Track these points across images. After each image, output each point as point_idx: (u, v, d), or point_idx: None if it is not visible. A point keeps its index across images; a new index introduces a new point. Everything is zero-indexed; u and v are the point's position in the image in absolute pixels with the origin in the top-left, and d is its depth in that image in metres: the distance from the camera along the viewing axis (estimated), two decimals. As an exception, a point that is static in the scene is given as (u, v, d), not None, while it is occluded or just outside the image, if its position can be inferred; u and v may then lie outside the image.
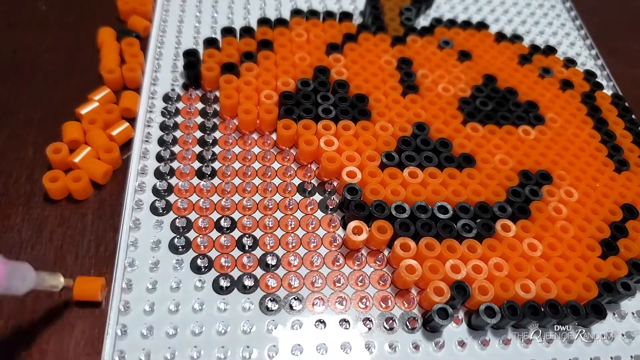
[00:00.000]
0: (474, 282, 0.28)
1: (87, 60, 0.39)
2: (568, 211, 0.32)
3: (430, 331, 0.28)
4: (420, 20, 0.46)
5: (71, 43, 0.40)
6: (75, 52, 0.39)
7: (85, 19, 0.42)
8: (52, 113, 0.35)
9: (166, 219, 0.30)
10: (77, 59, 0.39)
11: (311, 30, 0.40)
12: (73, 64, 0.39)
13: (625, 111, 0.40)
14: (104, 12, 0.42)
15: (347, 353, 0.26)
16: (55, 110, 0.35)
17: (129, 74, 0.36)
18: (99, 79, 0.37)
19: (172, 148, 0.33)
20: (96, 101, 0.35)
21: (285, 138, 0.34)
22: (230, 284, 0.28)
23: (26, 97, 0.36)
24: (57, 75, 0.38)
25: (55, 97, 0.36)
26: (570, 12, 0.50)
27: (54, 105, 0.35)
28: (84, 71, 0.38)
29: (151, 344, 0.25)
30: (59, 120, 0.33)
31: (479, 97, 0.38)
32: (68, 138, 0.33)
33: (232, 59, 0.37)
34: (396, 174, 0.32)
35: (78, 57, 0.39)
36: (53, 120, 0.34)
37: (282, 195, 0.32)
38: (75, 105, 0.34)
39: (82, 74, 0.38)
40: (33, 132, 0.34)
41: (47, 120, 0.34)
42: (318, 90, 0.36)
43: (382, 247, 0.30)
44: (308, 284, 0.28)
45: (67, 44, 0.40)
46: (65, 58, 0.39)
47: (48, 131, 0.34)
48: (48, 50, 0.39)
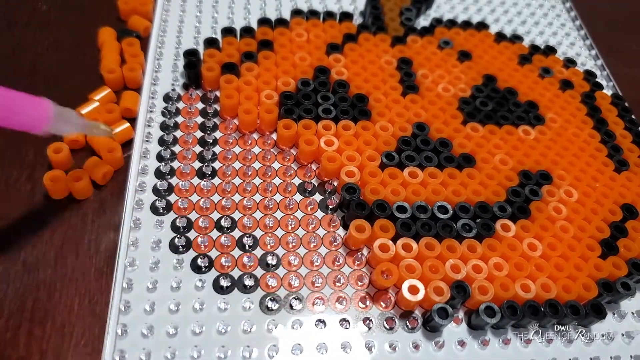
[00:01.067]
0: (474, 282, 0.28)
1: (87, 60, 0.39)
2: (568, 211, 0.32)
3: (430, 331, 0.28)
4: (420, 20, 0.46)
5: (71, 43, 0.40)
6: (75, 52, 0.39)
7: (85, 19, 0.42)
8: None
9: (166, 219, 0.30)
10: (77, 59, 0.39)
11: (311, 30, 0.40)
12: (73, 64, 0.39)
13: (625, 111, 0.40)
14: (104, 12, 0.42)
15: (347, 352, 0.26)
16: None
17: (129, 74, 0.37)
18: (99, 79, 0.37)
19: (172, 148, 0.33)
20: (96, 101, 0.35)
21: (285, 138, 0.34)
22: (231, 283, 0.28)
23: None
24: (57, 75, 0.38)
25: (55, 97, 0.35)
26: (570, 12, 0.50)
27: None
28: (84, 71, 0.38)
29: (151, 344, 0.25)
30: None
31: (479, 97, 0.38)
32: (68, 138, 0.33)
33: (232, 59, 0.37)
34: (396, 173, 0.32)
35: (78, 57, 0.39)
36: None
37: (283, 195, 0.32)
38: (75, 105, 0.34)
39: (82, 74, 0.38)
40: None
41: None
42: (318, 90, 0.36)
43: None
44: (308, 283, 0.28)
45: (67, 44, 0.40)
46: (65, 58, 0.39)
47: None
48: (48, 50, 0.39)
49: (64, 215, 0.31)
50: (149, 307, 0.26)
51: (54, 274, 0.28)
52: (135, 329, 0.26)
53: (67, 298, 0.27)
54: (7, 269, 0.28)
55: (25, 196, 0.31)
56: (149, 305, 0.26)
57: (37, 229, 0.30)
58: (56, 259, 0.29)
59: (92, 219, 0.31)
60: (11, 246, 0.29)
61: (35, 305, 0.27)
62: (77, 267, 0.29)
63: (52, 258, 0.29)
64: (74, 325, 0.27)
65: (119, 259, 0.28)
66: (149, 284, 0.27)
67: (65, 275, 0.28)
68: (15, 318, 0.27)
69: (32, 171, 0.32)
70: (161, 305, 0.27)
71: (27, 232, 0.30)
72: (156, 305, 0.27)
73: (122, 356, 0.25)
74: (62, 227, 0.30)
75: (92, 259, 0.29)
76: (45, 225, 0.30)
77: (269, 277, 0.28)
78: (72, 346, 0.26)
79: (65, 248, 0.29)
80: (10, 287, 0.28)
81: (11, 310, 0.27)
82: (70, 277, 0.28)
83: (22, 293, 0.28)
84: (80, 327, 0.27)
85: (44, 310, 0.27)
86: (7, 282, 0.28)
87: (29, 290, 0.28)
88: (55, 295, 0.27)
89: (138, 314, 0.26)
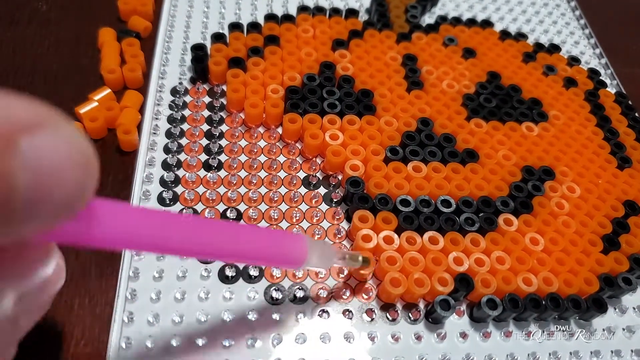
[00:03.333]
0: (476, 275, 0.28)
1: (87, 60, 0.38)
2: (570, 207, 0.33)
3: (433, 322, 0.28)
4: (425, 18, 0.46)
5: (71, 43, 0.40)
6: (75, 52, 0.39)
7: (85, 19, 0.42)
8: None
9: (173, 210, 0.30)
10: (77, 59, 0.39)
11: (317, 26, 0.41)
12: (73, 64, 0.38)
13: (628, 109, 0.40)
14: (104, 12, 0.42)
15: (350, 342, 0.27)
16: (55, 110, 0.34)
17: (129, 74, 0.36)
18: (99, 79, 0.37)
19: (179, 140, 0.33)
20: (96, 101, 0.35)
21: (290, 132, 0.34)
22: (236, 273, 0.28)
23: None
24: (57, 75, 0.37)
25: (55, 97, 0.36)
26: (574, 11, 0.50)
27: (54, 105, 0.35)
28: (84, 71, 0.38)
29: (157, 331, 0.26)
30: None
31: (483, 94, 0.38)
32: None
33: (239, 54, 0.37)
34: (400, 168, 0.32)
35: (78, 57, 0.39)
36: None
37: (288, 188, 0.32)
38: (75, 105, 0.34)
39: (82, 74, 0.37)
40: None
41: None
42: (324, 85, 0.36)
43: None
44: (312, 274, 0.29)
45: (67, 44, 0.40)
46: (65, 58, 0.39)
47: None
48: (48, 50, 0.39)
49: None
50: (155, 295, 0.27)
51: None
52: (141, 316, 0.26)
53: (67, 298, 0.27)
54: (7, 269, 0.28)
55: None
56: (155, 293, 0.27)
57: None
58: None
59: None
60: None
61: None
62: (77, 267, 0.28)
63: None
64: (74, 325, 0.26)
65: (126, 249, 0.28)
66: (155, 273, 0.28)
67: (65, 275, 0.28)
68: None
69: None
70: (167, 294, 0.27)
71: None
72: (162, 294, 0.27)
73: (129, 342, 0.25)
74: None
75: (92, 259, 0.29)
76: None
77: (273, 267, 0.29)
78: (72, 346, 0.26)
79: (65, 248, 0.29)
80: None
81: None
82: (70, 277, 0.27)
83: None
84: (80, 327, 0.26)
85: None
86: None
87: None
88: (55, 296, 0.27)
89: (144, 302, 0.27)
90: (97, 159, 0.13)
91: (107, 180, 0.32)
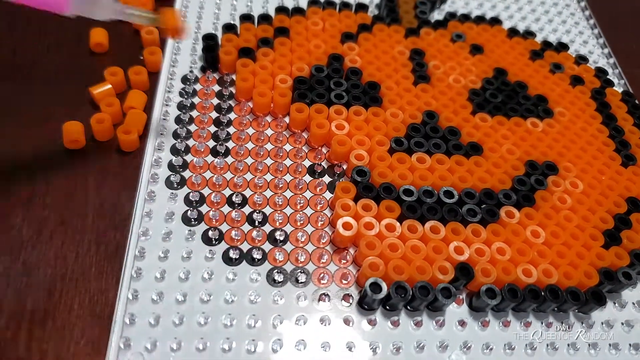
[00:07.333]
0: (476, 264, 0.29)
1: (87, 60, 0.39)
2: (572, 201, 0.33)
3: (433, 310, 0.28)
4: (434, 14, 0.47)
5: (71, 43, 0.40)
6: (75, 52, 0.39)
7: (85, 19, 0.41)
8: (52, 113, 0.34)
9: (180, 193, 0.31)
10: (77, 59, 0.39)
11: (327, 19, 0.41)
12: (73, 64, 0.38)
13: (635, 108, 0.40)
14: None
15: (349, 326, 0.27)
16: (55, 110, 0.34)
17: (134, 77, 0.36)
18: (100, 79, 0.36)
19: (188, 127, 0.34)
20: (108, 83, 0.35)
21: (297, 121, 0.34)
22: (240, 256, 0.29)
23: (26, 97, 0.35)
24: (57, 75, 0.37)
25: (55, 97, 0.36)
26: (584, 11, 0.50)
27: (54, 105, 0.35)
28: (84, 71, 0.37)
29: (161, 309, 0.26)
30: (59, 120, 0.33)
31: (489, 89, 0.38)
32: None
33: (249, 44, 0.38)
34: (404, 158, 0.33)
35: (78, 57, 0.39)
36: (53, 120, 0.33)
37: (293, 175, 0.33)
38: (75, 105, 0.34)
39: (82, 74, 0.37)
40: (33, 132, 0.33)
41: (47, 120, 0.34)
42: (331, 76, 0.37)
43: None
44: (314, 259, 0.29)
45: (67, 44, 0.39)
46: (65, 58, 0.39)
47: (48, 131, 0.33)
48: (48, 50, 0.39)
49: (64, 215, 0.30)
50: (160, 274, 0.27)
51: (54, 274, 0.28)
52: (146, 294, 0.27)
53: (67, 298, 0.27)
54: (7, 269, 0.28)
55: (25, 196, 0.31)
56: (160, 272, 0.27)
57: (37, 229, 0.29)
58: (56, 259, 0.28)
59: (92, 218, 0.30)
60: (11, 246, 0.29)
61: (35, 305, 0.27)
62: (77, 267, 0.28)
63: (52, 258, 0.28)
64: (74, 325, 0.26)
65: (133, 228, 0.29)
66: (160, 252, 0.28)
67: (65, 275, 0.28)
68: (15, 318, 0.26)
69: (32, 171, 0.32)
70: (171, 274, 0.28)
71: (27, 232, 0.29)
72: (167, 273, 0.28)
73: (133, 319, 0.26)
74: (62, 227, 0.30)
75: (92, 258, 0.29)
76: (45, 225, 0.29)
77: (276, 251, 0.29)
78: (72, 346, 0.26)
79: (65, 248, 0.29)
80: (10, 287, 0.27)
81: (11, 310, 0.26)
82: (70, 277, 0.28)
83: (22, 293, 0.27)
84: (80, 327, 0.26)
85: (44, 311, 0.26)
86: (7, 282, 0.27)
87: (29, 290, 0.27)
88: (55, 295, 0.27)
89: (149, 281, 0.27)
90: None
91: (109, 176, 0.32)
